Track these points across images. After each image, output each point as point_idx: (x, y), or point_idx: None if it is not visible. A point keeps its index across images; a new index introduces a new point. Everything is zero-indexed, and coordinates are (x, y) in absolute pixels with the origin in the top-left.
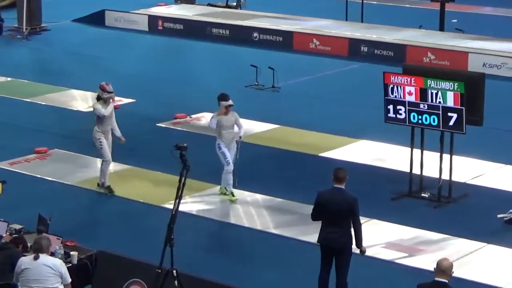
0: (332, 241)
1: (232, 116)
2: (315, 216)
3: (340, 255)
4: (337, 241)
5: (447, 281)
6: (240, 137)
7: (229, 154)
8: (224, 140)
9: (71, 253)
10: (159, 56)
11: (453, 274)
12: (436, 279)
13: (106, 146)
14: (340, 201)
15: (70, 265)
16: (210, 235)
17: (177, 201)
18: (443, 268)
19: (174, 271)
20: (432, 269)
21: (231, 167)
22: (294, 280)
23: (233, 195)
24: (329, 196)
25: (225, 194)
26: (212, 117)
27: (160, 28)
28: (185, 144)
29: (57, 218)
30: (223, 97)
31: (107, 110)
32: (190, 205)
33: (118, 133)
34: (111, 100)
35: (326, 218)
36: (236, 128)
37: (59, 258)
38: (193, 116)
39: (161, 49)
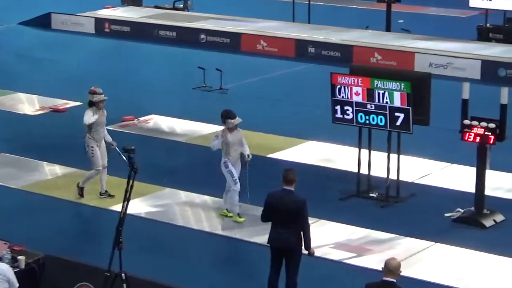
0: (282, 242)
1: (238, 133)
2: (265, 218)
3: (290, 256)
4: (286, 242)
5: (395, 280)
6: (249, 156)
7: (236, 173)
8: (231, 158)
9: (19, 257)
10: (106, 59)
11: (401, 273)
12: (384, 278)
13: (99, 154)
14: (289, 203)
15: (18, 269)
16: (159, 238)
17: (125, 203)
18: (391, 267)
19: (123, 274)
20: (380, 268)
21: (238, 187)
22: (244, 281)
23: (240, 217)
24: (278, 198)
25: (227, 216)
26: (215, 137)
27: (107, 30)
28: (132, 147)
29: (4, 222)
30: (228, 114)
31: (91, 118)
32: (138, 207)
33: (108, 138)
34: (102, 105)
35: (276, 219)
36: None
37: (6, 263)
38: (141, 118)
39: (108, 51)
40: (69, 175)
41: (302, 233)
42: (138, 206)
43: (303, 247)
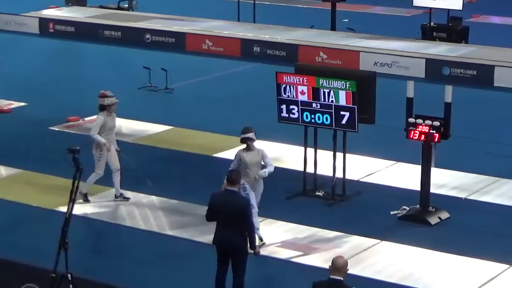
0: (227, 242)
1: (257, 153)
2: (209, 217)
3: (235, 256)
4: (231, 243)
5: (342, 278)
6: (265, 173)
7: (254, 197)
8: (248, 180)
9: None
10: (51, 59)
11: (348, 271)
12: (332, 276)
13: (105, 159)
14: (233, 203)
15: None
16: (105, 238)
17: (71, 204)
18: (338, 266)
19: (69, 275)
20: (327, 267)
21: (256, 210)
22: (191, 281)
23: (261, 240)
24: (222, 198)
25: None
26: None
27: (51, 30)
28: (78, 147)
29: None
30: (243, 130)
31: (96, 135)
32: (84, 208)
33: (115, 144)
34: (114, 108)
35: (220, 219)
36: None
37: None
38: (87, 119)
39: (53, 51)
40: (13, 176)
41: (247, 233)
42: (84, 207)
43: (248, 247)
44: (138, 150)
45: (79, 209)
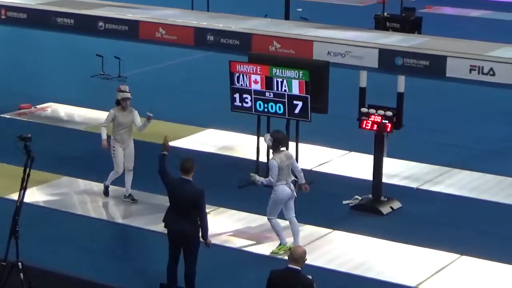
0: (179, 231)
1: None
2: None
3: (187, 244)
4: (183, 232)
5: (300, 268)
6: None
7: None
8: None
9: None
10: (2, 46)
11: None
12: (290, 266)
13: (120, 156)
14: (187, 192)
15: None
16: (57, 226)
17: (22, 192)
18: (296, 256)
19: (20, 264)
20: (279, 256)
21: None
22: (143, 270)
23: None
24: (176, 187)
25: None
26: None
27: (3, 17)
28: (29, 135)
29: None
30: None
31: (102, 129)
32: (35, 196)
33: (127, 143)
34: (126, 104)
35: (173, 208)
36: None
37: None
38: (39, 106)
39: (4, 38)
40: None
41: (199, 222)
42: (35, 195)
43: (200, 236)
44: (90, 138)
45: (30, 197)
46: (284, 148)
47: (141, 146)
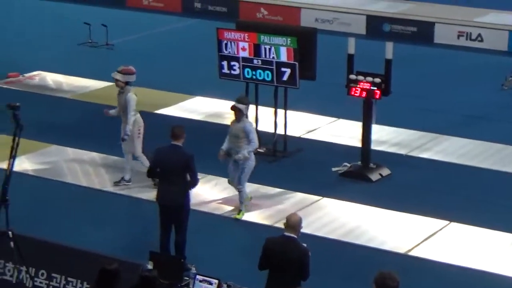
0: (169, 200)
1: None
2: (151, 173)
3: (177, 214)
4: (174, 200)
5: (296, 236)
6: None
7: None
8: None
9: None
10: None
11: None
12: (285, 233)
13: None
14: (177, 157)
15: None
16: (47, 195)
17: (11, 161)
18: (292, 223)
19: (10, 232)
20: (268, 223)
21: (240, 187)
22: (133, 239)
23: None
24: (166, 153)
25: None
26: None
27: None
28: (17, 104)
29: None
30: (237, 98)
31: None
32: (25, 165)
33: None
34: (118, 87)
35: (163, 175)
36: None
37: None
38: (27, 75)
39: None
40: None
41: (190, 183)
42: (24, 164)
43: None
44: (78, 107)
45: (20, 165)
46: None
47: None
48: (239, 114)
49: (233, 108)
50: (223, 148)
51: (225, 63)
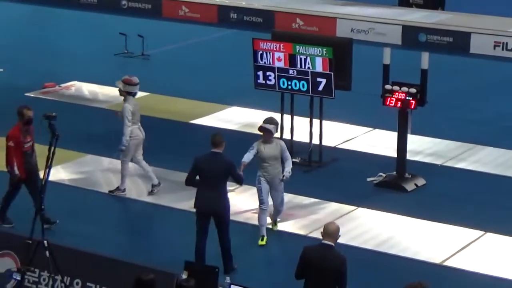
0: (210, 206)
1: (276, 145)
2: (189, 181)
3: (221, 218)
4: (216, 206)
5: (333, 244)
6: (289, 173)
7: (266, 192)
8: (266, 175)
9: None
10: (26, 25)
11: None
12: (323, 242)
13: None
14: (217, 164)
15: None
16: (82, 205)
17: (47, 170)
18: (330, 231)
19: (45, 242)
20: (303, 233)
21: (264, 207)
22: (168, 248)
23: (261, 240)
24: (206, 160)
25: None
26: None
27: None
28: (54, 114)
29: None
30: (265, 119)
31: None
32: (60, 174)
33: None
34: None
35: (203, 182)
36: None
37: None
38: (63, 85)
39: (28, 17)
40: None
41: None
42: (60, 173)
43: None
44: (113, 117)
45: (56, 175)
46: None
47: (166, 124)
48: (269, 135)
49: (262, 129)
50: (246, 161)
51: (260, 73)
